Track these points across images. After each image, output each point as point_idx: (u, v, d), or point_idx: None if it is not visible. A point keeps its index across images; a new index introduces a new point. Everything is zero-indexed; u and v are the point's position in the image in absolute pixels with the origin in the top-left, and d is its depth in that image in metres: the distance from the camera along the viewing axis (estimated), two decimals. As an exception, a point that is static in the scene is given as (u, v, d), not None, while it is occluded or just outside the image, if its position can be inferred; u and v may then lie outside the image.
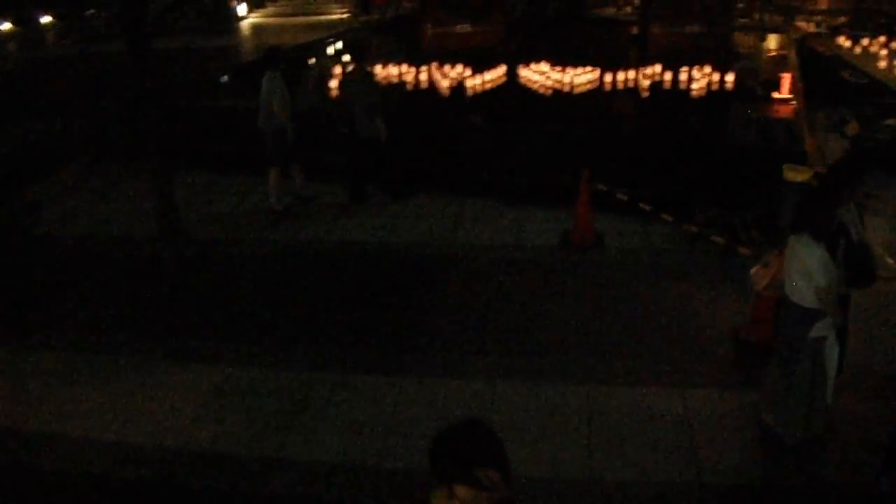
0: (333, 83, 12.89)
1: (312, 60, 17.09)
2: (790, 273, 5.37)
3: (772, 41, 17.47)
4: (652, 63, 14.01)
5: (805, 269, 5.19)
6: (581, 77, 13.45)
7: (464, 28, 16.21)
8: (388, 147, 10.24)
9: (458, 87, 13.21)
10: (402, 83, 13.90)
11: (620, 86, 13.37)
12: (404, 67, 13.66)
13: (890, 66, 15.18)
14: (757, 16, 21.36)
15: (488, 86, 13.34)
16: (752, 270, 6.12)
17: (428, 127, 10.52)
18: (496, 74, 13.75)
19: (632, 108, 12.31)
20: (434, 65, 13.85)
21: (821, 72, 14.90)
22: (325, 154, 11.02)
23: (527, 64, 14.09)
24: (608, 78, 13.52)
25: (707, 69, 13.66)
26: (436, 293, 8.26)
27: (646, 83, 13.21)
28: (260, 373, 6.89)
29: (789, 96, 13.06)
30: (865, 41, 17.13)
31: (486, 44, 16.06)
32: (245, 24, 29.68)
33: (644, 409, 6.22)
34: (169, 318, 7.90)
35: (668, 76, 13.59)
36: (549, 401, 6.35)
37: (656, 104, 12.49)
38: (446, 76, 13.49)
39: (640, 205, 8.96)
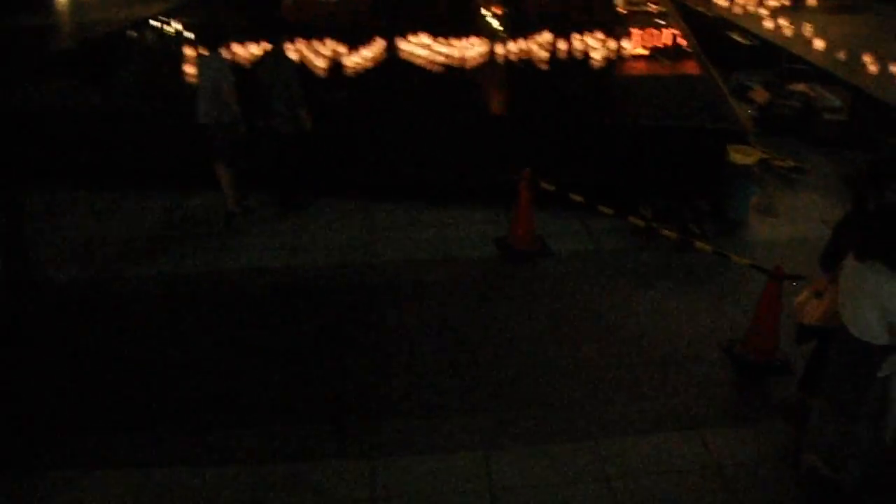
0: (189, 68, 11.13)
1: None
2: (855, 305, 4.71)
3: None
4: (538, 30, 13.07)
5: (878, 303, 4.55)
6: (471, 50, 12.35)
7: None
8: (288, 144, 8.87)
9: (335, 67, 11.77)
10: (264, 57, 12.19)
11: (514, 58, 12.34)
12: (263, 45, 11.92)
13: (776, 25, 14.94)
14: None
15: (369, 64, 11.98)
16: (799, 299, 5.50)
17: (316, 118, 9.13)
18: (375, 50, 12.42)
19: (542, 85, 11.29)
20: (302, 41, 12.34)
21: (707, 35, 14.46)
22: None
23: (404, 36, 12.82)
24: (500, 49, 12.46)
25: (600, 35, 12.89)
26: (361, 331, 7.11)
27: (543, 54, 12.26)
28: (172, 475, 5.36)
29: (689, 50, 12.56)
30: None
31: (353, 13, 14.62)
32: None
33: (665, 461, 5.53)
34: (26, 407, 6.13)
35: (562, 45, 12.68)
36: (557, 467, 5.45)
37: (563, 78, 11.58)
38: (319, 54, 12.03)
39: (578, 198, 8.01)
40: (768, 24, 15.19)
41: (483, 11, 15.44)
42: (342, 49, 12.31)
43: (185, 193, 9.69)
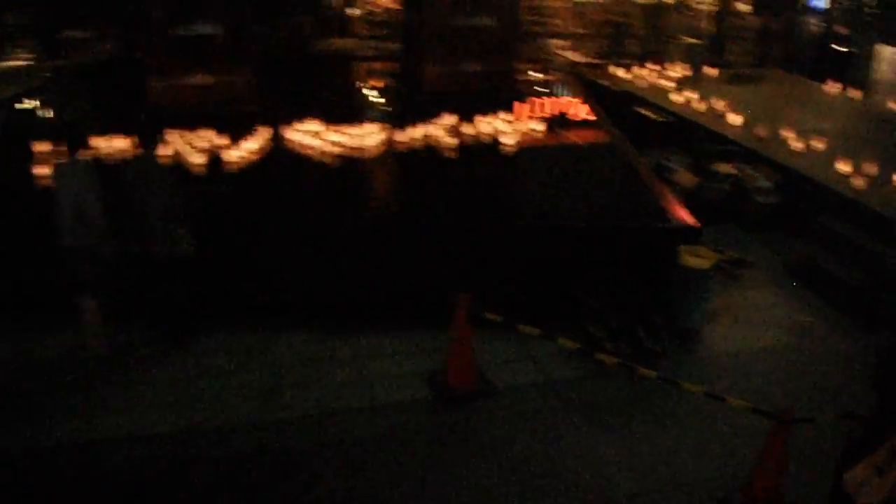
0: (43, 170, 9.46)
1: None
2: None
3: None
4: (436, 110, 12.09)
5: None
6: (369, 138, 11.19)
7: (204, 79, 13.27)
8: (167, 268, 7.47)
9: (216, 163, 10.35)
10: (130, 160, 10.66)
11: (418, 145, 11.25)
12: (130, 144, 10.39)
13: (686, 100, 14.43)
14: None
15: (255, 158, 10.63)
16: (852, 475, 4.40)
17: (198, 228, 7.73)
18: (261, 141, 11.09)
19: (452, 179, 10.22)
20: (177, 132, 10.89)
21: (615, 111, 13.80)
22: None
23: (291, 123, 11.56)
24: (401, 136, 11.34)
25: (509, 116, 12.01)
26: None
27: (449, 140, 11.21)
28: None
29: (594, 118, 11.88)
30: (641, 71, 16.48)
31: (231, 98, 13.23)
32: None
33: None
34: None
35: (469, 129, 11.69)
36: None
37: (474, 171, 10.56)
38: (196, 148, 10.61)
39: (528, 330, 6.86)
40: (677, 97, 14.65)
41: (375, 93, 14.41)
42: (222, 141, 10.93)
43: (41, 332, 7.99)
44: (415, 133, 11.65)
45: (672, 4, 22.10)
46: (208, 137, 11.12)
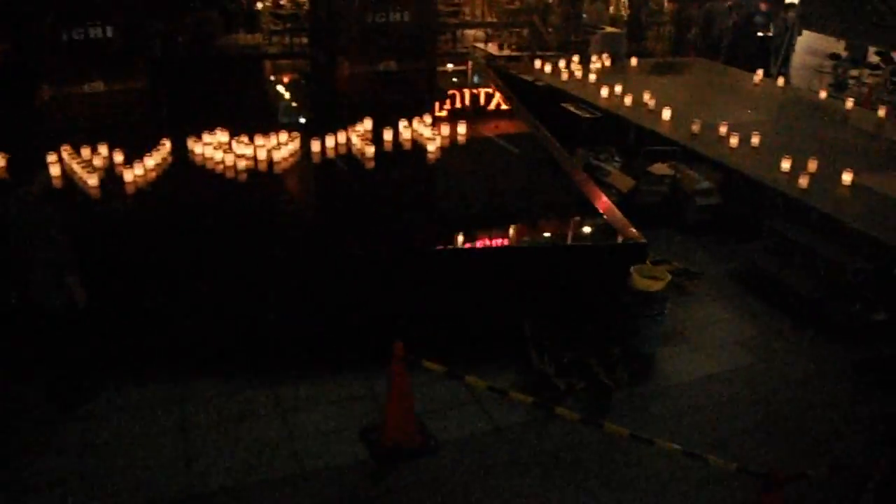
0: None
1: None
2: None
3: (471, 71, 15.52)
4: (352, 114, 11.21)
5: None
6: (282, 150, 10.21)
7: (96, 86, 12.04)
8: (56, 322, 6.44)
9: (109, 184, 9.24)
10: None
11: (335, 155, 10.32)
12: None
13: (612, 93, 13.79)
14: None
15: (154, 176, 9.55)
16: None
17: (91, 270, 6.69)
18: (162, 156, 10.00)
19: (374, 194, 9.33)
20: (66, 149, 9.74)
21: (539, 107, 13.06)
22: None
23: (195, 134, 10.49)
24: (316, 146, 10.39)
25: (429, 118, 11.19)
26: None
27: (368, 149, 10.30)
28: None
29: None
30: (562, 63, 15.78)
31: (128, 106, 12.04)
32: None
33: None
34: None
35: (389, 135, 10.80)
36: None
37: (398, 183, 9.70)
38: (92, 168, 9.46)
39: (474, 381, 6.07)
40: (602, 91, 14.00)
41: (287, 95, 13.38)
42: (118, 157, 9.81)
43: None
44: (330, 141, 10.71)
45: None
46: (102, 154, 10.00)
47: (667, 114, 12.68)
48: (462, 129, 11.24)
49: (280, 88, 14.78)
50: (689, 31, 20.85)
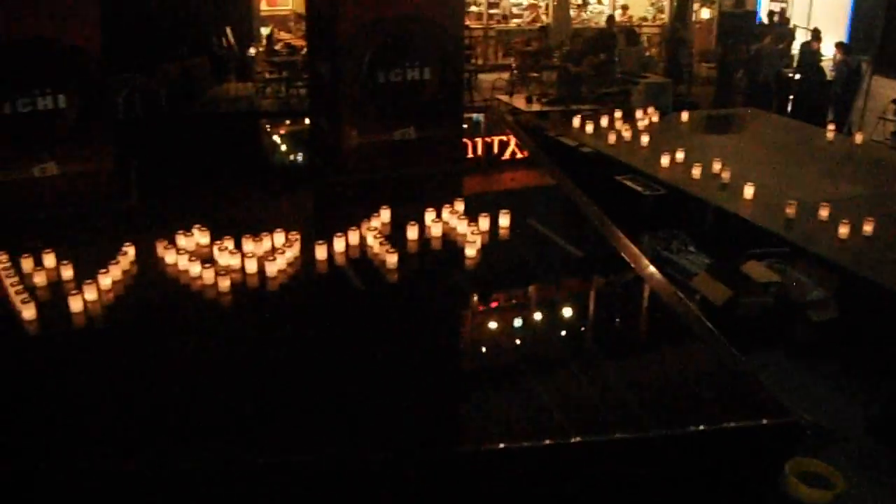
0: None
1: None
2: None
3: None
4: (364, 201, 9.01)
5: None
6: (277, 260, 7.88)
7: (45, 169, 9.69)
8: None
9: (52, 316, 6.93)
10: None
11: (346, 266, 8.02)
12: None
13: (673, 161, 11.48)
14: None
15: (111, 300, 7.24)
16: None
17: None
18: (123, 269, 7.69)
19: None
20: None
21: (587, 180, 10.75)
22: None
23: (168, 233, 8.21)
24: (320, 253, 8.08)
25: (460, 207, 8.93)
26: None
27: (389, 255, 7.98)
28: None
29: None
30: (604, 121, 13.50)
31: (86, 194, 9.67)
32: None
33: None
34: None
35: (413, 233, 8.51)
36: None
37: (430, 312, 7.38)
38: (22, 292, 7.14)
39: None
40: (663, 160, 11.68)
41: (282, 167, 11.02)
42: (66, 273, 7.56)
43: None
44: (339, 245, 8.35)
45: (620, 31, 19.38)
46: (48, 267, 7.68)
47: (749, 191, 10.34)
48: (505, 220, 8.92)
49: (274, 159, 12.48)
50: (736, 75, 18.62)
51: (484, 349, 7.00)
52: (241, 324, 7.23)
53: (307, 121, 13.31)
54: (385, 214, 9.02)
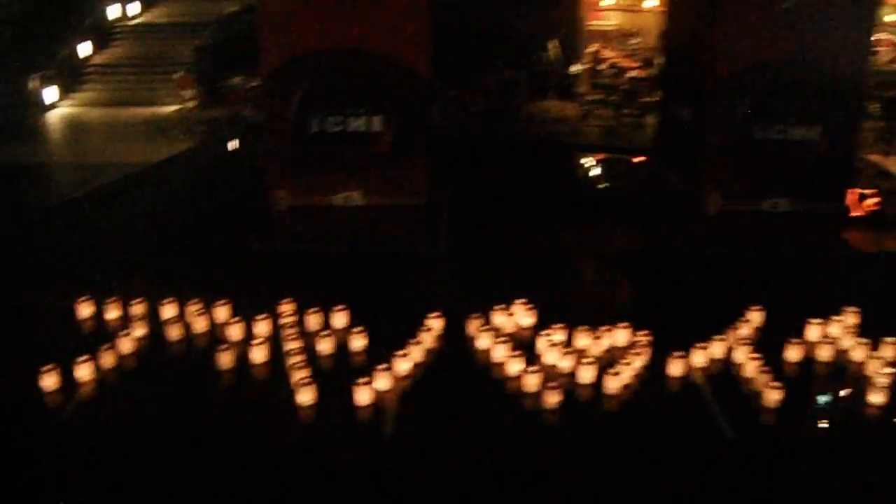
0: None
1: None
2: None
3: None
4: (731, 294, 7.25)
5: None
6: (614, 369, 6.14)
7: (352, 198, 8.66)
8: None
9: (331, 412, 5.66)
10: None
11: (706, 388, 6.15)
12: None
13: None
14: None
15: (402, 397, 5.87)
16: None
17: None
18: (422, 353, 6.31)
19: None
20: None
21: None
22: None
23: (481, 308, 6.73)
24: (674, 368, 6.20)
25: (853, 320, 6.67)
26: None
27: (765, 383, 5.96)
28: None
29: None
30: None
31: (389, 229, 8.51)
32: (55, 118, 19.33)
33: None
34: None
35: (796, 352, 6.39)
36: None
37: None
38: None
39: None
40: None
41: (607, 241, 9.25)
42: (358, 343, 6.28)
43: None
44: (697, 358, 6.40)
45: None
46: (336, 328, 6.48)
47: None
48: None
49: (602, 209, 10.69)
50: None
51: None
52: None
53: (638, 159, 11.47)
54: (756, 317, 6.95)
